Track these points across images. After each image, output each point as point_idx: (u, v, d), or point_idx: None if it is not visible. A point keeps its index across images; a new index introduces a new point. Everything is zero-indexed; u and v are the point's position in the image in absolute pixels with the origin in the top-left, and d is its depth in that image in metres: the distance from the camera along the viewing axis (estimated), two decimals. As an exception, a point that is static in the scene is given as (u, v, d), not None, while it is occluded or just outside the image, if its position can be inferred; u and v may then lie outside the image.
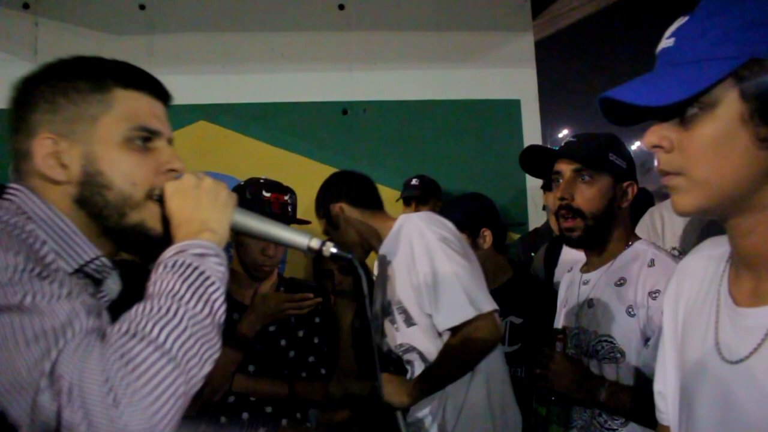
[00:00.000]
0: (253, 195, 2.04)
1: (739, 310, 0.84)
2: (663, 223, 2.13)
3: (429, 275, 1.81)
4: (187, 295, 0.78)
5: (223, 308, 0.82)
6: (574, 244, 1.67)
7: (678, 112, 0.79)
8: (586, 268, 1.70)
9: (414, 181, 3.10)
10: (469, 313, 1.77)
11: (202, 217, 0.90)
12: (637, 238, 1.66)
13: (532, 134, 3.37)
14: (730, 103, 0.75)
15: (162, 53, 3.14)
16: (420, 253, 1.83)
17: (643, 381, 1.51)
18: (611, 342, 1.55)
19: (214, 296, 0.80)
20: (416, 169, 3.18)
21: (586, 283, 1.67)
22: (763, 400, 0.78)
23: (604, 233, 1.62)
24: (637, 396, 1.49)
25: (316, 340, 2.09)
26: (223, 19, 3.23)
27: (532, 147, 1.87)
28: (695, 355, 0.89)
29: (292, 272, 3.12)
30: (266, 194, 2.04)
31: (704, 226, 2.00)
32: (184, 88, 3.13)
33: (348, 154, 3.27)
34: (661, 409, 1.02)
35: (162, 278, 0.79)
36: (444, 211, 2.35)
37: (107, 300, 0.94)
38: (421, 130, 3.33)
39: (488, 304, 1.80)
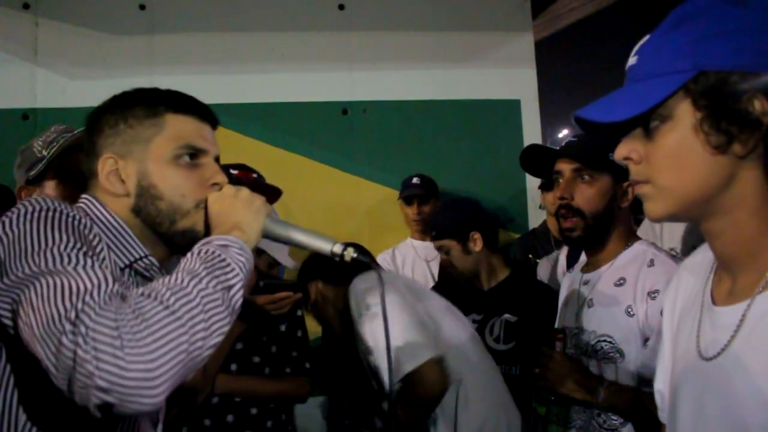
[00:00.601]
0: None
1: (716, 309, 0.88)
2: (662, 226, 2.13)
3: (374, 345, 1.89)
4: (203, 273, 0.88)
5: (240, 293, 0.91)
6: (574, 244, 1.68)
7: (644, 125, 0.84)
8: (587, 268, 1.70)
9: (415, 180, 3.09)
10: (404, 370, 1.80)
11: (236, 219, 1.02)
12: (638, 238, 1.66)
13: (532, 134, 3.37)
14: (684, 114, 0.81)
15: (162, 53, 3.15)
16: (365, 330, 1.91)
17: (642, 381, 1.51)
18: (610, 342, 1.55)
19: (232, 281, 0.90)
20: (416, 169, 3.18)
21: (586, 283, 1.67)
22: (730, 394, 0.82)
23: (604, 233, 1.62)
24: (636, 396, 1.50)
25: (299, 334, 2.07)
26: (223, 19, 3.23)
27: (533, 146, 1.87)
28: (682, 354, 0.94)
29: (291, 273, 3.12)
30: (234, 171, 2.03)
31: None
32: (184, 88, 3.15)
33: (348, 154, 3.27)
34: (661, 407, 1.05)
35: (188, 261, 0.91)
36: (431, 222, 2.39)
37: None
38: (421, 130, 3.33)
39: (425, 354, 1.81)
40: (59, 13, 3.11)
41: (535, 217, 3.31)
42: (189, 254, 0.93)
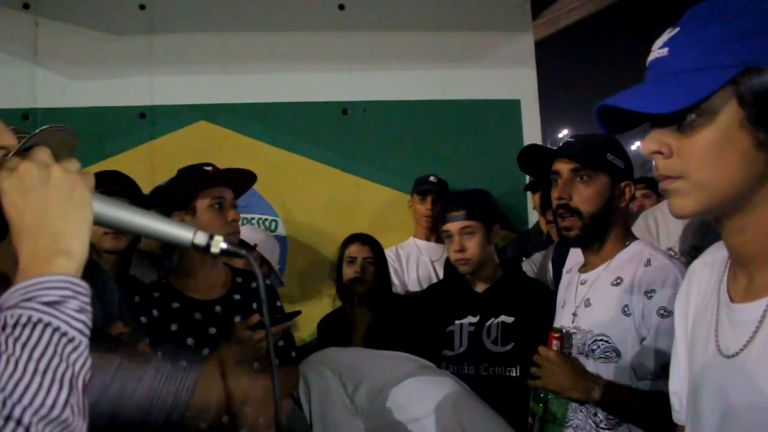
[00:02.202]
0: (191, 170, 2.00)
1: (734, 306, 0.88)
2: (657, 225, 2.13)
3: None
4: (47, 383, 0.62)
5: (86, 369, 0.67)
6: (572, 244, 1.68)
7: (676, 119, 0.82)
8: (584, 268, 1.71)
9: (432, 178, 3.09)
10: None
11: (53, 228, 0.70)
12: (635, 238, 1.67)
13: (532, 134, 3.37)
14: (729, 110, 0.79)
15: (162, 53, 3.14)
16: None
17: (639, 380, 1.52)
18: (607, 341, 1.55)
19: (78, 365, 0.65)
20: (416, 168, 3.18)
21: (583, 282, 1.67)
22: (756, 391, 0.81)
23: (602, 233, 1.63)
24: (633, 395, 1.50)
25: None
26: (223, 19, 3.23)
27: (531, 147, 1.88)
28: (700, 353, 0.93)
29: (291, 273, 3.13)
30: (207, 168, 2.01)
31: (697, 227, 2.00)
32: (184, 88, 3.18)
33: (348, 154, 3.27)
34: (677, 408, 1.05)
35: (3, 347, 0.63)
36: (459, 199, 2.30)
37: None
38: (421, 130, 3.33)
39: None
40: (59, 13, 3.11)
41: (535, 217, 3.31)
42: (3, 336, 0.63)
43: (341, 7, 3.33)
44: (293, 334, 2.14)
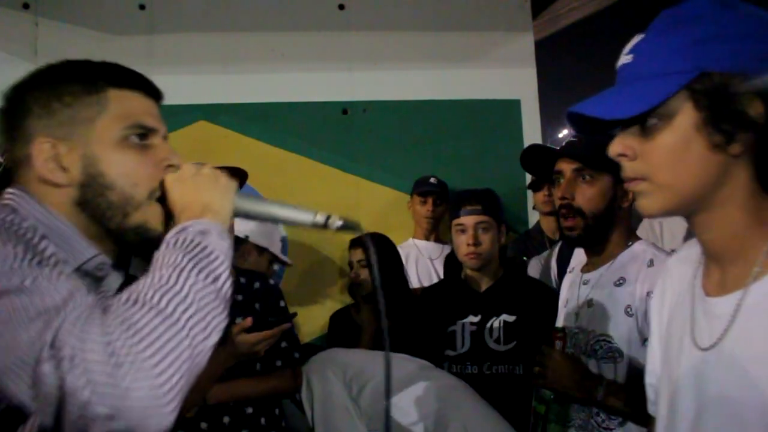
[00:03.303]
0: None
1: (709, 300, 0.92)
2: (662, 226, 2.13)
3: None
4: (190, 266, 0.77)
5: (229, 282, 0.81)
6: (575, 244, 1.68)
7: (639, 123, 0.86)
8: (587, 268, 1.70)
9: (432, 180, 3.08)
10: None
11: (204, 200, 0.89)
12: (638, 238, 1.67)
13: (532, 134, 3.36)
14: (685, 114, 0.83)
15: (162, 53, 3.15)
16: None
17: (641, 380, 1.51)
18: (609, 342, 1.55)
19: (219, 270, 0.80)
20: (416, 169, 3.18)
21: (586, 283, 1.67)
22: (731, 382, 0.85)
23: (604, 233, 1.63)
24: (635, 395, 1.50)
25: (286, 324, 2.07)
26: (223, 19, 3.23)
27: (533, 146, 1.88)
28: (677, 346, 0.97)
29: (291, 273, 3.12)
30: None
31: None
32: (184, 88, 3.17)
33: (348, 154, 3.27)
34: (652, 400, 1.08)
35: (165, 254, 0.80)
36: (473, 195, 2.31)
37: (108, 297, 0.93)
38: (421, 130, 3.33)
39: None
40: (59, 13, 3.11)
41: (535, 217, 3.31)
42: (164, 245, 0.81)
43: (341, 7, 3.32)
44: (295, 335, 2.13)
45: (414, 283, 2.98)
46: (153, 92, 0.99)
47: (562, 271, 2.48)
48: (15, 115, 0.92)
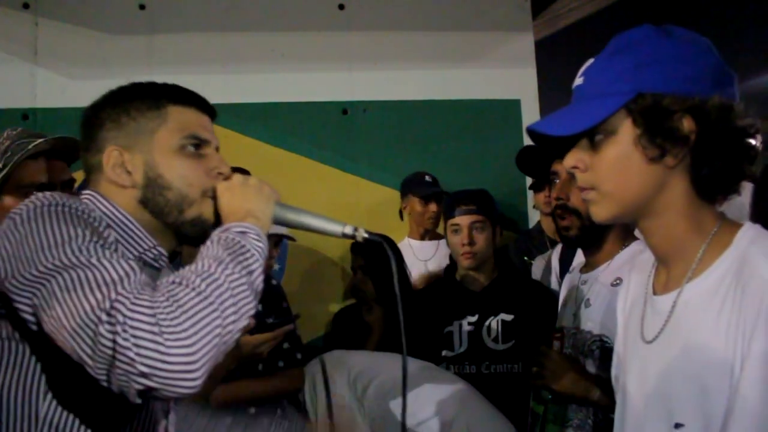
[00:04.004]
0: None
1: (654, 298, 1.03)
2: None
3: None
4: (228, 259, 0.90)
5: (261, 278, 0.94)
6: (571, 244, 1.68)
7: (589, 138, 0.96)
8: (585, 268, 1.71)
9: (428, 178, 3.04)
10: None
11: (247, 207, 1.03)
12: (635, 238, 1.67)
13: (532, 134, 3.36)
14: (625, 130, 0.93)
15: (162, 53, 3.15)
16: None
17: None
18: (607, 342, 1.55)
19: (253, 266, 0.93)
20: (416, 169, 3.17)
21: (584, 283, 1.68)
22: (668, 370, 0.96)
23: (601, 233, 1.63)
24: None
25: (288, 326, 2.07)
26: (223, 19, 3.23)
27: (529, 147, 1.87)
28: (631, 340, 1.08)
29: (291, 274, 3.13)
30: None
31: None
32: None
33: (348, 154, 3.27)
34: (616, 390, 1.15)
35: (209, 248, 0.93)
36: (469, 195, 2.32)
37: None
38: (421, 130, 3.33)
39: None
40: (59, 13, 3.11)
41: (535, 217, 3.31)
42: (209, 241, 0.95)
43: (341, 7, 3.33)
44: (298, 336, 2.13)
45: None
46: (208, 109, 1.15)
47: (564, 271, 2.48)
48: (91, 129, 1.08)
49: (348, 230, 1.06)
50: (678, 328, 0.96)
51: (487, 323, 2.17)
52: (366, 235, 1.06)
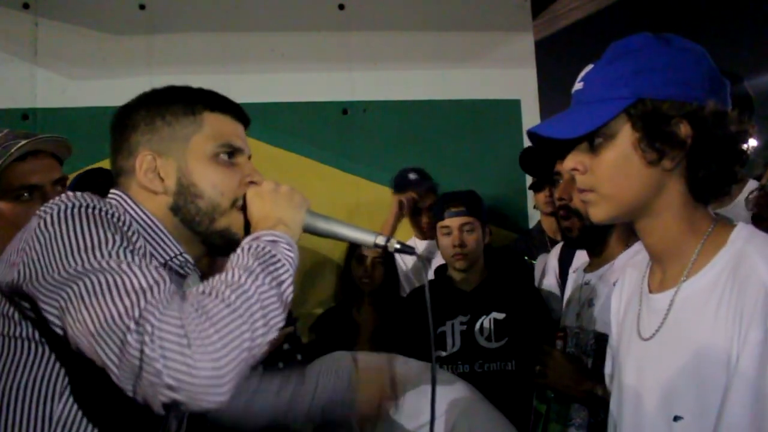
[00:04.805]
0: None
1: (650, 296, 1.06)
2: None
3: None
4: (258, 270, 0.88)
5: (291, 288, 0.92)
6: (574, 244, 1.69)
7: (588, 141, 0.99)
8: (589, 268, 1.72)
9: (413, 175, 2.99)
10: None
11: (278, 214, 1.01)
12: (638, 239, 1.67)
13: (532, 134, 3.36)
14: (625, 134, 0.96)
15: (162, 53, 3.14)
16: None
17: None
18: (609, 342, 1.55)
19: (283, 276, 0.90)
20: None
21: (587, 283, 1.68)
22: (665, 368, 0.98)
23: (603, 234, 1.63)
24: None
25: (288, 327, 2.07)
26: (223, 19, 3.23)
27: (532, 147, 1.88)
28: (626, 338, 1.10)
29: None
30: None
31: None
32: (184, 88, 3.16)
33: (348, 154, 3.27)
34: (610, 388, 1.20)
35: (239, 257, 0.91)
36: (459, 196, 2.33)
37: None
38: (421, 130, 3.33)
39: None
40: (59, 13, 3.11)
41: (535, 217, 3.31)
42: (239, 250, 0.93)
43: (341, 7, 3.33)
44: (298, 337, 2.13)
45: (415, 283, 2.97)
46: (242, 117, 1.13)
47: (563, 271, 2.49)
48: (124, 130, 1.06)
49: (380, 240, 1.06)
50: (676, 325, 0.98)
51: (479, 322, 2.19)
52: (397, 246, 1.06)
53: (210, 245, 1.06)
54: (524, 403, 1.78)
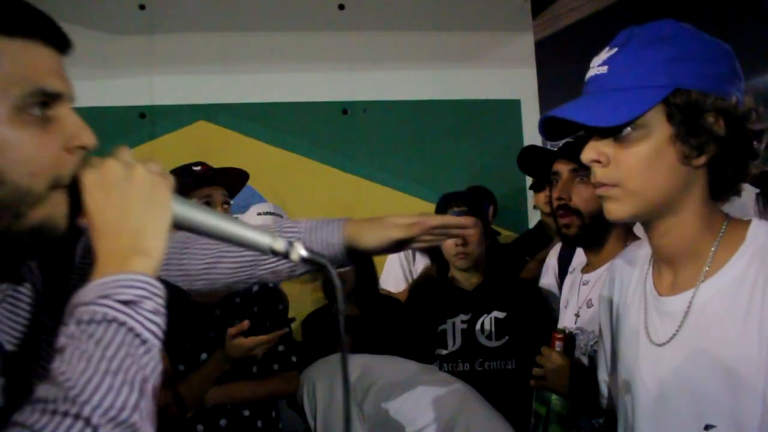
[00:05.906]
0: (180, 170, 1.99)
1: (662, 299, 0.98)
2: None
3: None
4: (109, 379, 0.59)
5: (158, 378, 0.63)
6: (571, 243, 1.69)
7: (614, 131, 0.90)
8: (587, 268, 1.71)
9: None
10: None
11: (133, 226, 0.67)
12: (636, 238, 1.66)
13: (532, 134, 3.37)
14: (660, 126, 0.88)
15: (162, 53, 3.15)
16: None
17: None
18: (601, 345, 1.55)
19: (147, 370, 0.61)
20: (416, 169, 3.19)
21: (585, 283, 1.67)
22: (686, 374, 0.93)
23: (601, 233, 1.63)
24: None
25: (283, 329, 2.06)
26: (223, 19, 3.23)
27: (531, 147, 1.88)
28: (629, 342, 1.03)
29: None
30: (196, 168, 2.01)
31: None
32: (184, 88, 3.17)
33: (348, 154, 3.27)
34: (605, 394, 1.16)
35: (76, 342, 0.60)
36: (462, 195, 2.33)
37: None
38: (421, 130, 3.33)
39: None
40: (59, 13, 3.08)
41: (535, 217, 3.31)
42: (74, 318, 0.61)
43: (341, 7, 3.33)
44: (293, 338, 2.13)
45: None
46: (58, 40, 0.73)
47: (563, 270, 2.49)
48: None
49: (279, 246, 0.76)
50: (697, 329, 0.92)
51: (480, 321, 2.20)
52: (304, 254, 0.76)
53: (17, 249, 0.70)
54: (524, 402, 1.78)
